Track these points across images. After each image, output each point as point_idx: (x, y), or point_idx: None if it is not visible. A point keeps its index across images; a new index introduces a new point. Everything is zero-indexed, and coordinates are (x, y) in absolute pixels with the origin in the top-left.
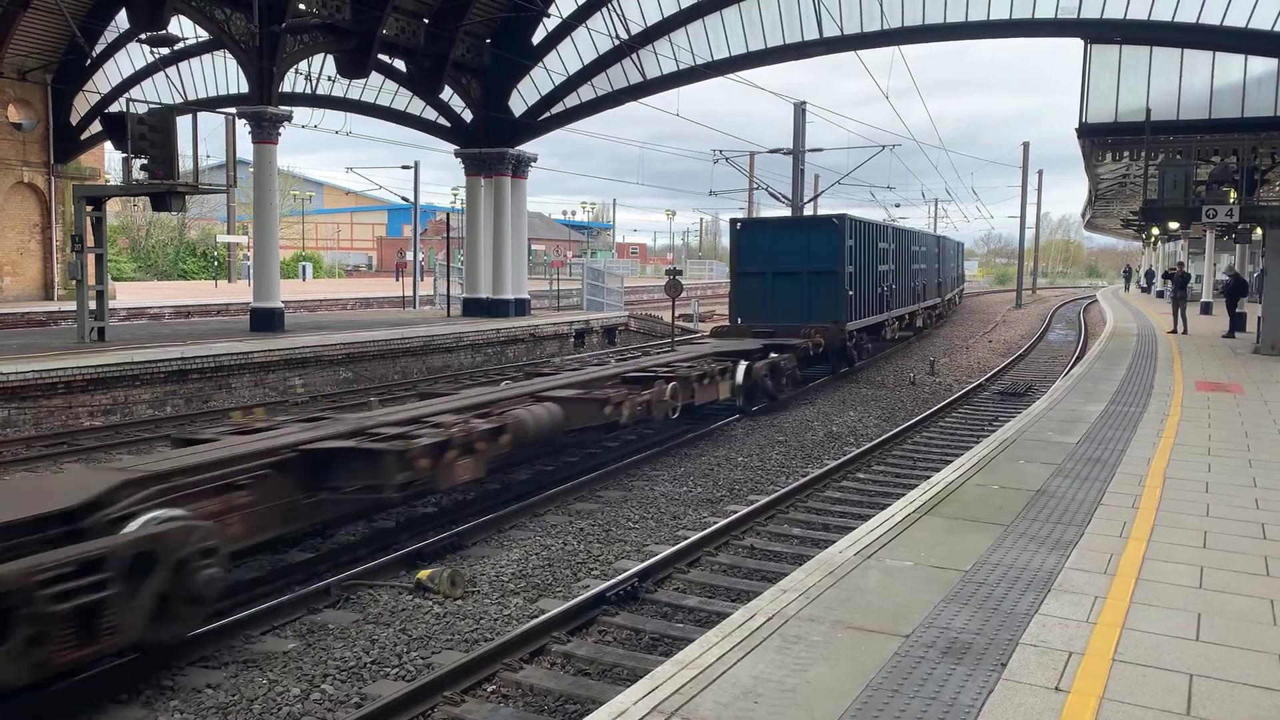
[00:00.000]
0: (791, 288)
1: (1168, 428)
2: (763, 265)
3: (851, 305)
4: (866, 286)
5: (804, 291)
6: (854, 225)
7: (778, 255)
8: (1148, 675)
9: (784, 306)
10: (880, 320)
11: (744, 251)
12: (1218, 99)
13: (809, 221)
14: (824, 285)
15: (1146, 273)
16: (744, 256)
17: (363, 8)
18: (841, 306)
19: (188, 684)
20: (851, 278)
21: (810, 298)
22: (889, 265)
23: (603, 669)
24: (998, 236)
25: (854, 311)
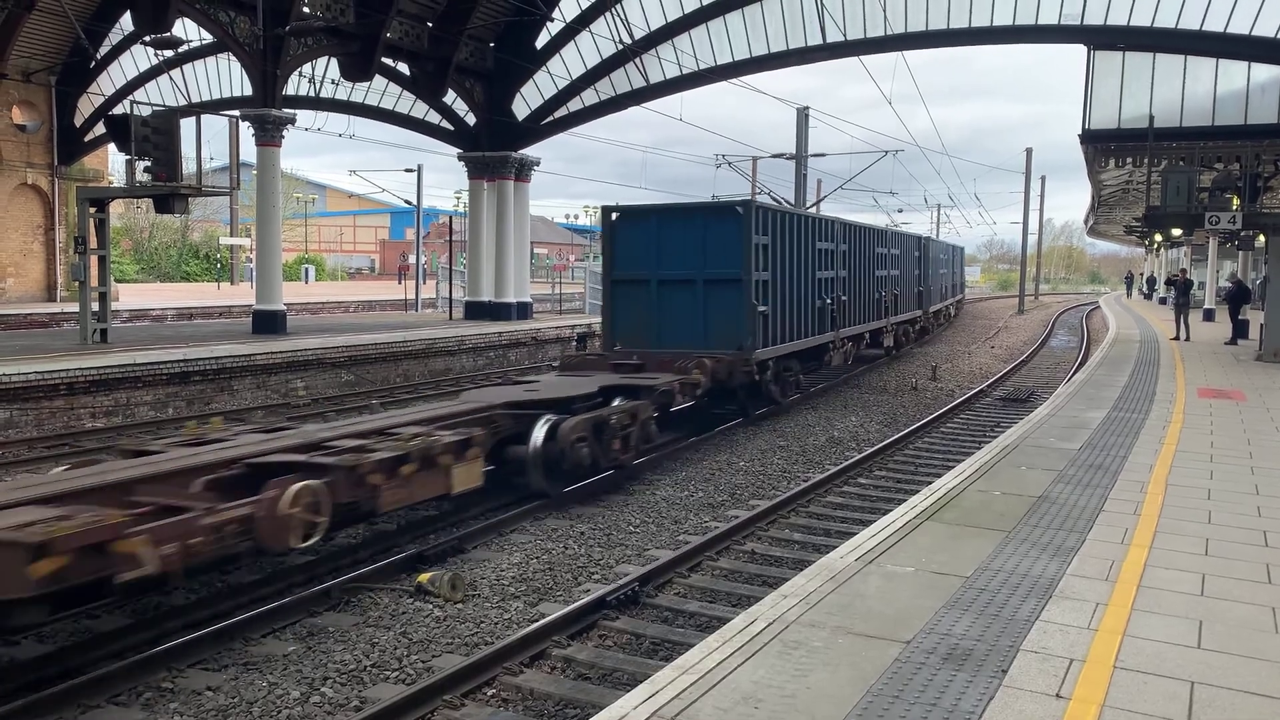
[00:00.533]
0: (683, 301)
1: (1170, 434)
2: (645, 269)
3: (766, 325)
4: (794, 299)
5: (699, 306)
6: (768, 218)
7: (665, 256)
8: (1149, 683)
9: (673, 327)
10: (821, 342)
11: (621, 251)
12: (1221, 106)
13: (705, 210)
14: (724, 298)
15: (1148, 279)
16: (621, 257)
17: (366, 11)
18: (747, 327)
19: (187, 686)
20: (765, 288)
21: (706, 315)
22: (835, 271)
23: (603, 673)
24: (1000, 242)
25: (770, 334)
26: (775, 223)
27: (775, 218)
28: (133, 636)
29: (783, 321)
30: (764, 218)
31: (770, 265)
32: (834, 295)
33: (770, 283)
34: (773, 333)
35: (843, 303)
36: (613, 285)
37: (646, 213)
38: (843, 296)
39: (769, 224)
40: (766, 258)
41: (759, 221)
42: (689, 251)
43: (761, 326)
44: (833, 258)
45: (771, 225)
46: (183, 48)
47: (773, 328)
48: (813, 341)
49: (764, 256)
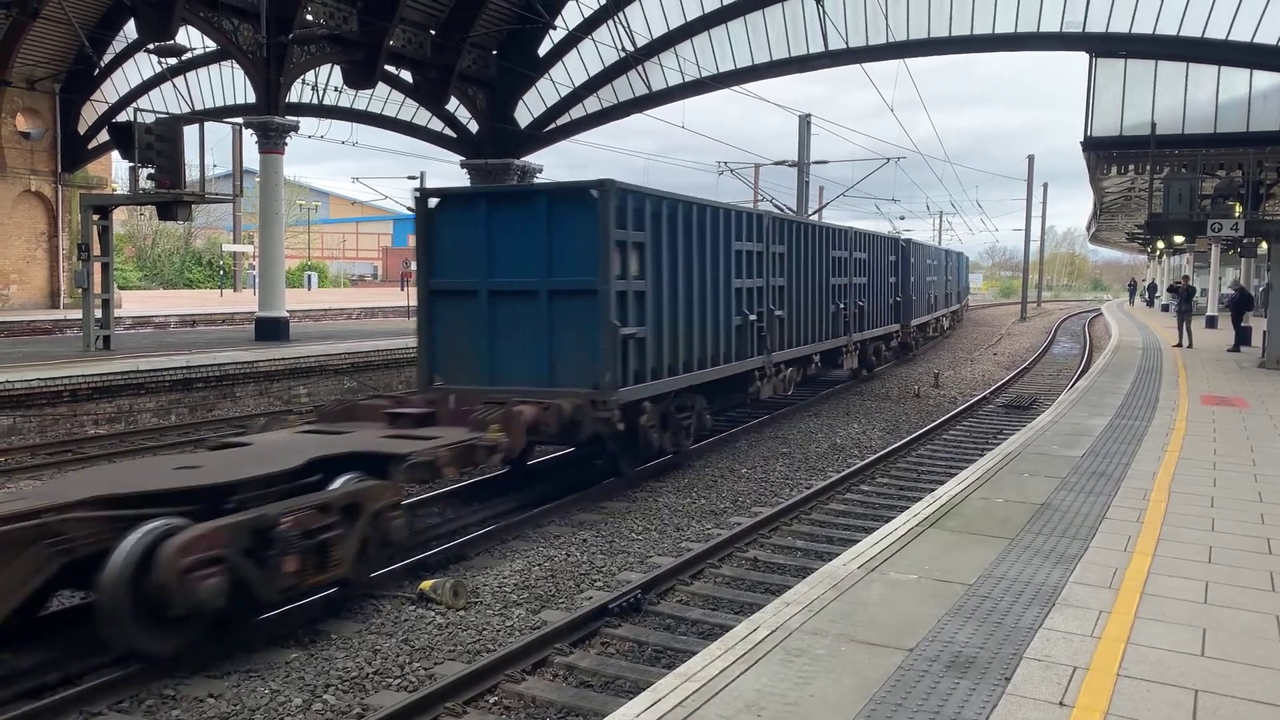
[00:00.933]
0: (524, 320)
1: (1172, 442)
2: (473, 276)
3: (641, 353)
4: (692, 316)
5: (543, 328)
6: (644, 207)
7: (499, 258)
8: (1152, 691)
9: (510, 356)
10: (741, 370)
11: (441, 250)
12: (1223, 113)
13: (551, 194)
14: (575, 316)
15: (1149, 286)
16: (441, 259)
17: (369, 19)
18: (605, 357)
19: (189, 693)
20: (640, 302)
21: (553, 340)
22: (766, 279)
23: (605, 681)
24: (1002, 249)
25: (647, 365)
26: (655, 213)
27: (656, 207)
28: None
29: (672, 346)
30: (636, 206)
31: (650, 271)
32: (763, 309)
33: (651, 295)
34: (653, 362)
35: (778, 319)
36: (431, 298)
37: (474, 196)
38: (778, 311)
39: (644, 215)
40: (642, 261)
41: (626, 210)
42: (531, 251)
43: (633, 355)
44: (761, 262)
45: (649, 217)
46: (186, 55)
47: (655, 355)
48: (726, 370)
49: (637, 259)
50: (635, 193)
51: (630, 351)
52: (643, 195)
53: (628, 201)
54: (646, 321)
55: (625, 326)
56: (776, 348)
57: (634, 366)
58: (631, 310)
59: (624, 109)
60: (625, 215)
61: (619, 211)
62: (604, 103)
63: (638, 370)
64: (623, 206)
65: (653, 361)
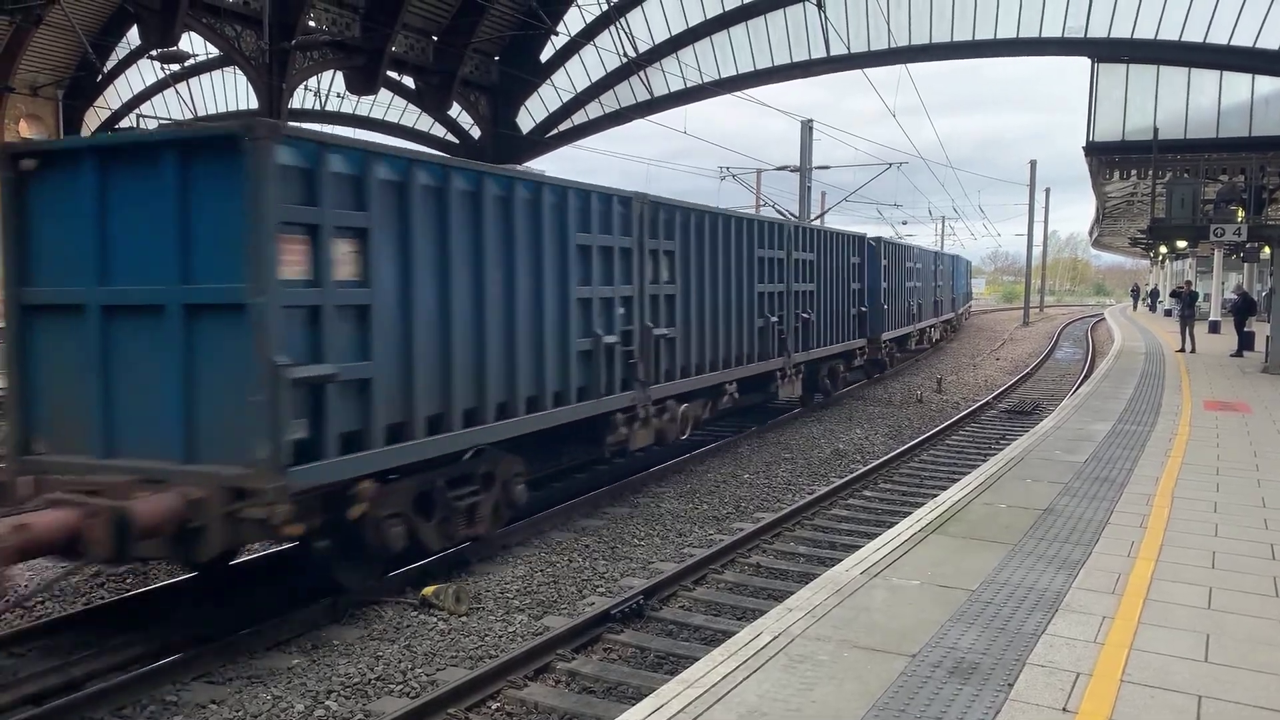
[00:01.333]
0: (149, 352)
1: (1176, 447)
2: (79, 281)
3: (356, 402)
4: (476, 337)
5: (174, 363)
6: (352, 168)
7: (115, 250)
8: (1156, 697)
9: (133, 408)
10: (580, 417)
11: (42, 240)
12: (1225, 118)
13: (181, 146)
14: (218, 346)
15: (1151, 291)
16: (42, 255)
17: (372, 25)
18: (267, 415)
19: (191, 699)
20: (338, 321)
21: (188, 384)
22: (634, 286)
23: (608, 687)
24: (1005, 254)
25: (373, 419)
26: (380, 188)
27: (375, 169)
28: (137, 649)
29: (429, 388)
30: (327, 167)
31: (377, 272)
32: (635, 327)
33: (383, 310)
34: (380, 414)
35: (661, 341)
36: (23, 316)
37: (79, 153)
38: (662, 329)
39: (351, 188)
40: (363, 257)
41: (310, 179)
42: (158, 241)
43: (332, 405)
44: (632, 264)
45: (368, 192)
46: (189, 62)
47: (382, 405)
48: (561, 417)
49: (341, 254)
50: (318, 142)
51: (314, 402)
52: (337, 148)
53: (307, 159)
54: (373, 348)
55: (309, 364)
56: (656, 379)
57: (335, 424)
58: (320, 331)
59: (626, 114)
60: (302, 185)
61: (279, 176)
62: (606, 108)
63: (339, 433)
64: (292, 168)
65: (386, 416)
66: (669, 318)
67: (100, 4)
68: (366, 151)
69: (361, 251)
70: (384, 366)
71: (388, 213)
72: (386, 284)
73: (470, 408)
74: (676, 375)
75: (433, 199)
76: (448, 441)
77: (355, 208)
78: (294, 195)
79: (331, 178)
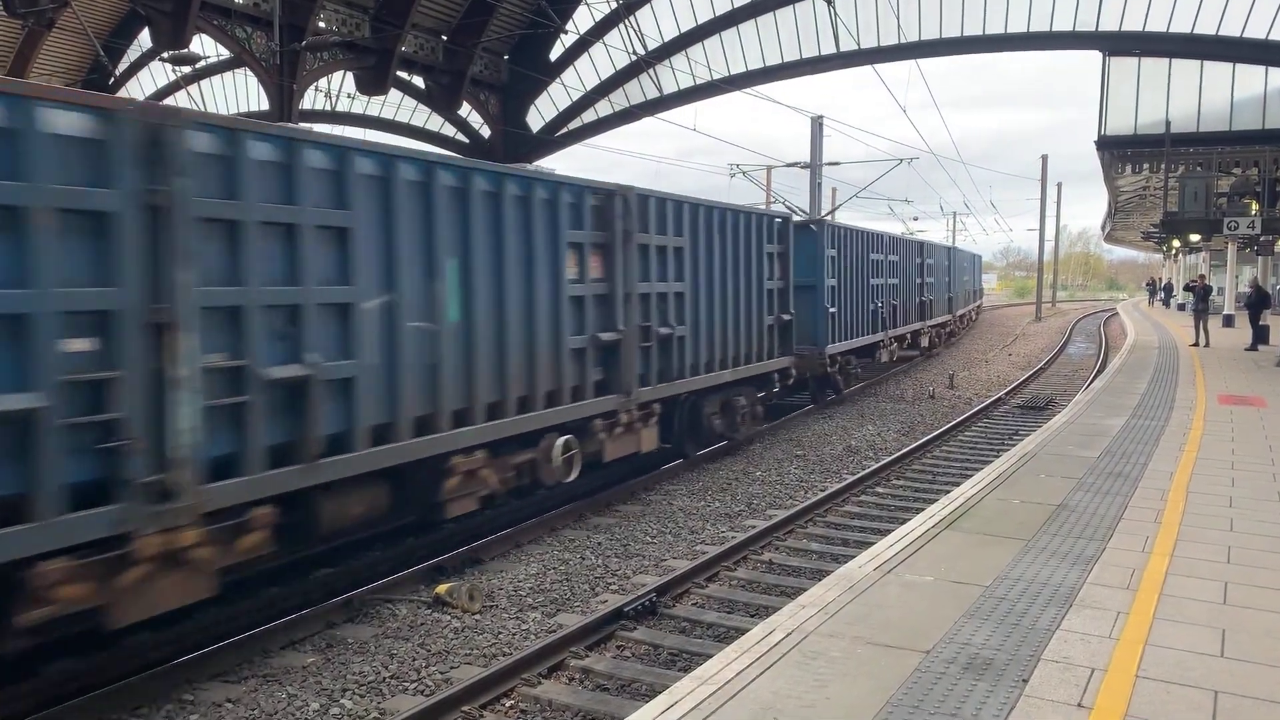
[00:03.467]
0: None
1: (1190, 441)
2: None
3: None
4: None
5: None
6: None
7: None
8: (1172, 692)
9: None
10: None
11: None
12: (1238, 111)
13: None
14: None
15: (1165, 286)
16: None
17: (381, 25)
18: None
19: (207, 698)
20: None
21: None
22: (364, 292)
23: (621, 684)
24: (1017, 249)
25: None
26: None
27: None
28: (153, 651)
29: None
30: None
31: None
32: (374, 342)
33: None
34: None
35: (455, 364)
36: None
37: None
38: (433, 358)
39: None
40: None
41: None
42: None
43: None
44: (386, 260)
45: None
46: (200, 63)
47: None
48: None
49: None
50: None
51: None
52: None
53: None
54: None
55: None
56: (472, 421)
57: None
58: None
59: (635, 112)
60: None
61: None
62: (615, 106)
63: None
64: None
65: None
66: (451, 339)
67: (112, 7)
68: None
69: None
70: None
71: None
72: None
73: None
74: (468, 423)
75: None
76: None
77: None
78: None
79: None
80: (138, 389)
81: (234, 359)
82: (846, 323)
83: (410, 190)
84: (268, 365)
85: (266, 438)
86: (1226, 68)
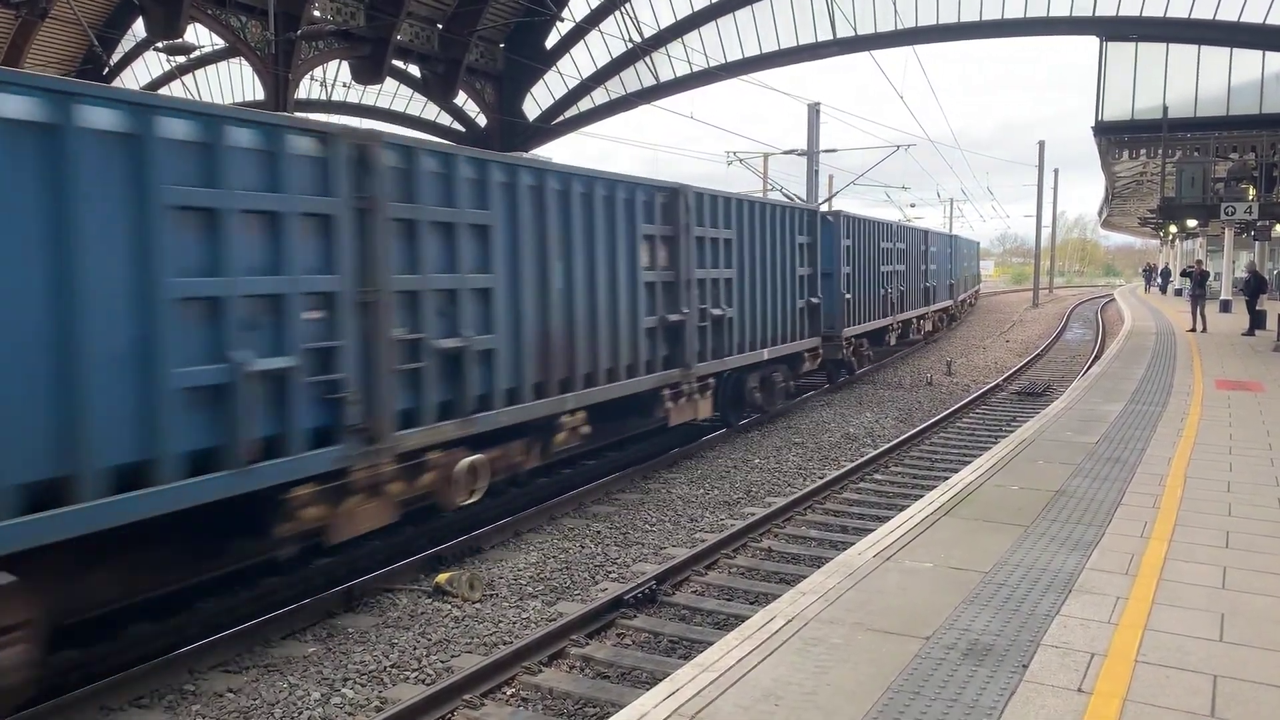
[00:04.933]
0: None
1: (1188, 427)
2: None
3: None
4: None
5: None
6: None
7: None
8: (1171, 676)
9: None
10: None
11: None
12: (1235, 96)
13: None
14: None
15: (1162, 271)
16: None
17: (377, 14)
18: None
19: (209, 688)
20: None
21: None
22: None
23: (622, 672)
24: (1014, 236)
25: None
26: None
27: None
28: (155, 641)
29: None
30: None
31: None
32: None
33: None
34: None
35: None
36: None
37: None
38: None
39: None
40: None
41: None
42: None
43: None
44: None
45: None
46: (195, 53)
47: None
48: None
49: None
50: None
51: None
52: None
53: None
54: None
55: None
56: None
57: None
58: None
59: (632, 100)
60: None
61: None
62: (612, 94)
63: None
64: None
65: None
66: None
67: None
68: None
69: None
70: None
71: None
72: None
73: None
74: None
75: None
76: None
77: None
78: None
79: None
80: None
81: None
82: (860, 308)
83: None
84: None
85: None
86: (1224, 52)
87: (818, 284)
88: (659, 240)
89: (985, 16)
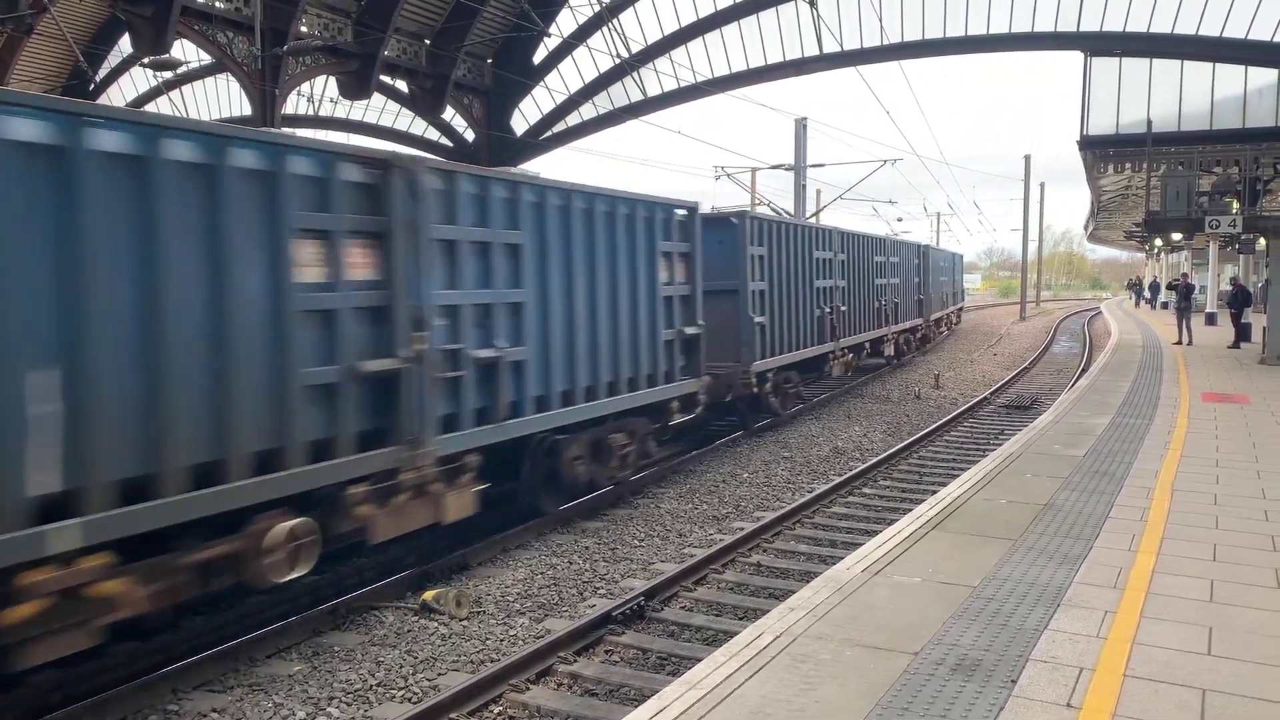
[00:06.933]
0: None
1: (1175, 440)
2: None
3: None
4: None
5: None
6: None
7: None
8: (1160, 691)
9: None
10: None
11: None
12: (1219, 110)
13: None
14: None
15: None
16: None
17: (365, 29)
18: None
19: (193, 708)
20: None
21: None
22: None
23: (610, 689)
24: (1001, 249)
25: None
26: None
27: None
28: (139, 661)
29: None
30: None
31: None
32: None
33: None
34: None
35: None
36: None
37: None
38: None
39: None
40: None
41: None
42: None
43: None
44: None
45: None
46: (182, 69)
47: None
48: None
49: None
50: None
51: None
52: None
53: None
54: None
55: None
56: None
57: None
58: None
59: (619, 115)
60: None
61: None
62: (600, 109)
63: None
64: None
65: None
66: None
67: (92, 13)
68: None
69: None
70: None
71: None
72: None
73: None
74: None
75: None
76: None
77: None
78: None
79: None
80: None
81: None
82: (781, 334)
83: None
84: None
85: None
86: (1207, 67)
87: (697, 308)
88: (677, 258)
89: (971, 32)
